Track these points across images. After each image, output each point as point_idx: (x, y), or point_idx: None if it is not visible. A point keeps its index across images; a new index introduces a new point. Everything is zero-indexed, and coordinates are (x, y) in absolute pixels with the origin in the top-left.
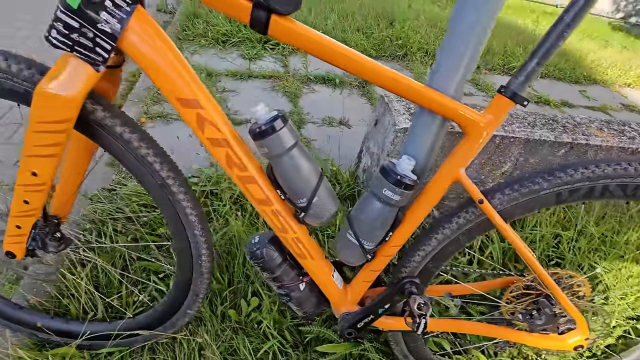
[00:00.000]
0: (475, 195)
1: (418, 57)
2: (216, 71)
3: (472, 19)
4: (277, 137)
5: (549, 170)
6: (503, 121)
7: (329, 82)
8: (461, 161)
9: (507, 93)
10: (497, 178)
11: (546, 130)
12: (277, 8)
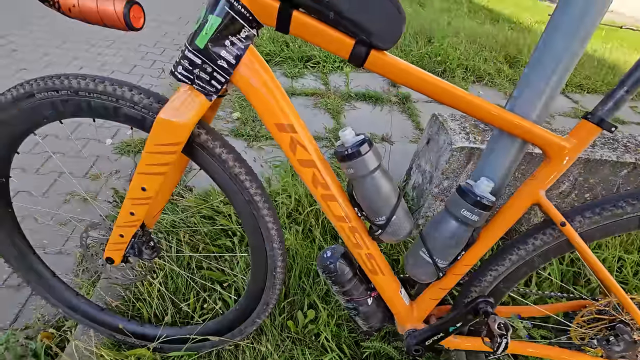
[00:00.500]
0: (557, 218)
1: (458, 73)
2: None
3: (560, 47)
4: (362, 160)
5: (634, 194)
6: (587, 146)
7: (369, 99)
8: (541, 184)
9: (594, 119)
10: (555, 198)
11: (607, 149)
12: (379, 45)
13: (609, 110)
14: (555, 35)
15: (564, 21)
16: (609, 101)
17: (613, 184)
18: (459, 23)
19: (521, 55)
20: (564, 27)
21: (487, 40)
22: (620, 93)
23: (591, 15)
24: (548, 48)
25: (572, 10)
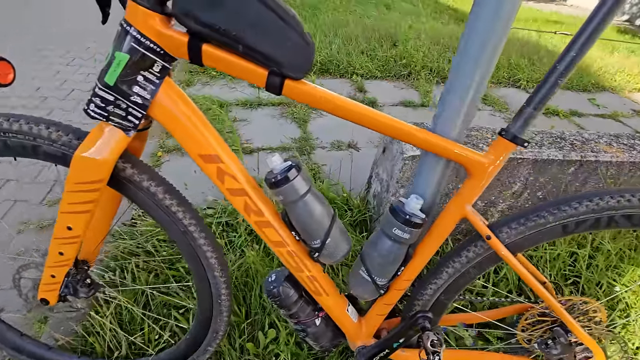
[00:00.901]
0: (483, 232)
1: (423, 75)
2: (227, 102)
3: (470, 68)
4: (291, 186)
5: (554, 203)
6: (505, 161)
7: None
8: (467, 199)
9: (508, 136)
10: (508, 198)
11: (554, 149)
12: (290, 75)
13: (520, 127)
14: (471, 41)
15: (477, 27)
16: (519, 119)
17: (562, 181)
18: (420, 25)
19: None
20: (478, 32)
21: (450, 41)
22: (529, 111)
23: (502, 19)
24: (457, 74)
25: (485, 15)
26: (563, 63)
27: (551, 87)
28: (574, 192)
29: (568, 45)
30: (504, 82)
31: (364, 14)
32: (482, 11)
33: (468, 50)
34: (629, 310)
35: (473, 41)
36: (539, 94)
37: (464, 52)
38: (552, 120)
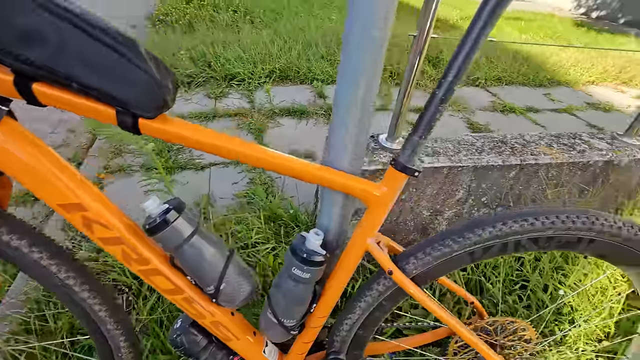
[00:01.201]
0: (385, 266)
1: (383, 79)
2: (179, 114)
3: (351, 93)
4: (172, 230)
5: (458, 230)
6: (399, 191)
7: (294, 114)
8: (368, 232)
9: (397, 167)
10: (453, 206)
11: (494, 154)
12: (140, 114)
13: (409, 157)
14: (348, 62)
15: (354, 34)
16: (407, 149)
17: (504, 186)
18: None
19: (442, 55)
20: (352, 57)
21: (409, 42)
22: (415, 139)
23: (376, 26)
24: (344, 79)
25: (357, 23)
26: (442, 89)
27: (434, 114)
28: (518, 196)
29: (445, 70)
30: (464, 81)
31: (325, 18)
32: (353, 40)
33: (346, 72)
34: (573, 314)
35: (350, 61)
36: (423, 122)
37: (342, 75)
38: (509, 117)
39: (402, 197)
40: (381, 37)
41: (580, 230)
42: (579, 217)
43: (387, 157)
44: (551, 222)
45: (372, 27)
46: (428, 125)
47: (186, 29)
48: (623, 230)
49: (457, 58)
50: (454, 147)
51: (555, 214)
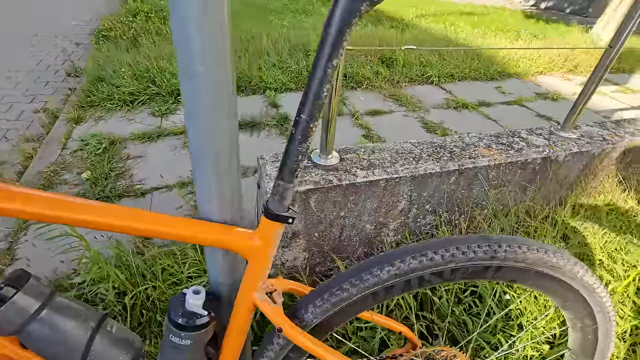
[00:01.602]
0: (275, 321)
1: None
2: (121, 137)
3: (206, 143)
4: (9, 309)
5: (355, 273)
6: (277, 240)
7: (244, 127)
8: (253, 287)
9: (269, 215)
10: (397, 217)
11: (432, 161)
12: None
13: (279, 203)
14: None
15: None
16: (275, 196)
17: (446, 192)
18: None
19: (395, 55)
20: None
21: (363, 43)
22: (282, 185)
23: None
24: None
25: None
26: (298, 128)
27: (296, 156)
28: (462, 200)
29: (298, 109)
30: (417, 79)
31: (278, 24)
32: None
33: (193, 115)
34: (521, 319)
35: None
36: (286, 167)
37: (191, 119)
38: (462, 113)
39: (341, 214)
40: (211, 72)
41: (484, 259)
42: (480, 247)
43: (319, 175)
44: (451, 255)
45: (200, 64)
46: (292, 168)
47: (130, 44)
48: (528, 254)
49: (307, 96)
50: (391, 156)
51: (456, 244)
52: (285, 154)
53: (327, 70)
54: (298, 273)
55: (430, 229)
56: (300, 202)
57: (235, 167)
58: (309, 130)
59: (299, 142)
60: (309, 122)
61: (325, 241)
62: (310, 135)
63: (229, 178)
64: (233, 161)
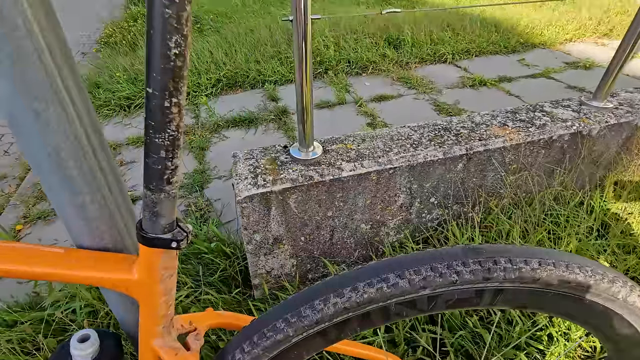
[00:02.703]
0: None
1: (340, 69)
2: (116, 143)
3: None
4: None
5: (291, 306)
6: (164, 273)
7: (241, 123)
8: (150, 334)
9: (144, 241)
10: (397, 213)
11: (433, 147)
12: None
13: (152, 222)
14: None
15: None
16: (146, 211)
17: (453, 181)
18: (337, 13)
19: (403, 35)
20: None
21: (366, 27)
22: (149, 196)
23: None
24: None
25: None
26: (151, 111)
27: (156, 153)
28: (473, 189)
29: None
30: (429, 59)
31: (279, 14)
32: None
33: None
34: (550, 329)
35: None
36: (149, 170)
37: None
38: (479, 91)
39: (329, 214)
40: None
41: (473, 282)
42: (465, 265)
43: (297, 171)
44: (423, 279)
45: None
46: (157, 171)
47: (128, 48)
48: (540, 272)
49: (150, 59)
50: (385, 144)
51: (430, 263)
52: (145, 151)
53: (166, 13)
54: (288, 282)
55: (437, 224)
56: (277, 203)
57: (101, 176)
58: (167, 111)
59: (155, 130)
60: (163, 98)
61: (315, 245)
62: (171, 120)
63: (90, 192)
64: (93, 160)
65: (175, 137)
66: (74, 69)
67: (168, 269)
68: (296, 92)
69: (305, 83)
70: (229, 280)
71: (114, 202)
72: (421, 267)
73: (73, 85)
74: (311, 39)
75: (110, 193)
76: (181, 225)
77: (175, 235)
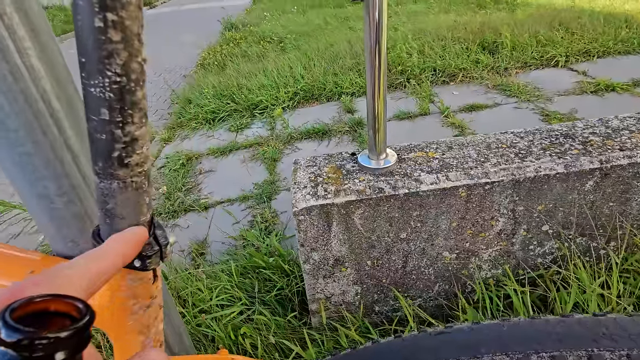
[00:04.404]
0: None
1: (425, 78)
2: (197, 153)
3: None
4: None
5: None
6: (133, 301)
7: (315, 135)
8: None
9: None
10: (493, 241)
11: (550, 156)
12: None
13: (108, 227)
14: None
15: None
16: (102, 211)
17: (579, 204)
18: (423, 21)
19: (500, 38)
20: None
21: (456, 32)
22: (101, 186)
23: None
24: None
25: None
26: None
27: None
28: (609, 217)
29: None
30: (534, 63)
31: (356, 28)
32: None
33: None
34: None
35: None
36: (94, 145)
37: None
38: (605, 98)
39: (402, 236)
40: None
41: None
42: None
43: (365, 181)
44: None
45: None
46: (105, 147)
47: (219, 68)
48: None
49: None
50: (479, 153)
51: (591, 339)
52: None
53: None
54: (350, 312)
55: (551, 261)
56: (339, 218)
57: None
58: (101, 35)
59: (88, 74)
60: (92, 12)
61: (384, 272)
62: (112, 53)
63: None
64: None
65: (123, 85)
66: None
67: (138, 297)
68: (367, 84)
69: (376, 73)
70: (285, 301)
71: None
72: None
73: (26, 33)
74: (386, 16)
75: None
76: (158, 235)
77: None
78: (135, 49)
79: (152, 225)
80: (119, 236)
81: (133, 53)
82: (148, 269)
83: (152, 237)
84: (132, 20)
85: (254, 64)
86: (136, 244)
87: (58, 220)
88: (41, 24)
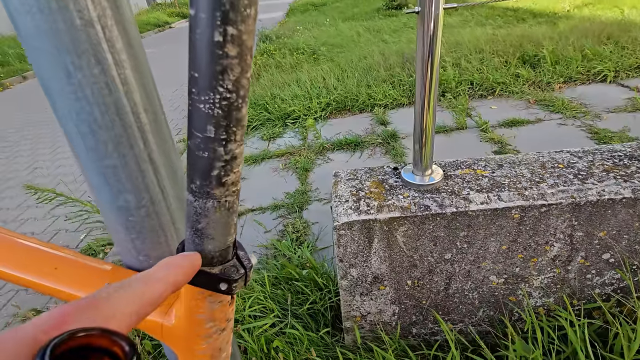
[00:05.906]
0: None
1: (461, 91)
2: None
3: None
4: None
5: None
6: (211, 324)
7: (347, 146)
8: None
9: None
10: (546, 267)
11: (615, 179)
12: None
13: (196, 245)
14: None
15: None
16: (190, 229)
17: None
18: (459, 35)
19: (542, 51)
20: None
21: (494, 45)
22: (193, 203)
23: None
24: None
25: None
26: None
27: (202, 131)
28: None
29: None
30: (579, 78)
31: (392, 42)
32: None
33: None
34: None
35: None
36: (193, 163)
37: None
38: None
39: (447, 257)
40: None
41: None
42: None
43: (410, 198)
44: None
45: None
46: (206, 165)
47: (253, 78)
48: None
49: None
50: (533, 172)
51: None
52: (188, 130)
53: None
54: (386, 332)
55: (612, 291)
56: (382, 235)
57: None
58: (217, 49)
59: (199, 89)
60: (212, 27)
61: (424, 293)
62: (226, 68)
63: (124, 211)
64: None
65: (232, 101)
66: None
67: (216, 320)
68: (416, 96)
69: (427, 85)
70: (317, 315)
71: (166, 210)
72: None
73: (123, 46)
74: (441, 28)
75: (162, 198)
76: (241, 256)
77: (228, 272)
78: (247, 64)
79: (235, 246)
80: (172, 261)
81: (245, 69)
82: (233, 292)
83: (236, 259)
84: (249, 34)
85: (288, 74)
86: (189, 271)
87: (134, 233)
88: (135, 35)
